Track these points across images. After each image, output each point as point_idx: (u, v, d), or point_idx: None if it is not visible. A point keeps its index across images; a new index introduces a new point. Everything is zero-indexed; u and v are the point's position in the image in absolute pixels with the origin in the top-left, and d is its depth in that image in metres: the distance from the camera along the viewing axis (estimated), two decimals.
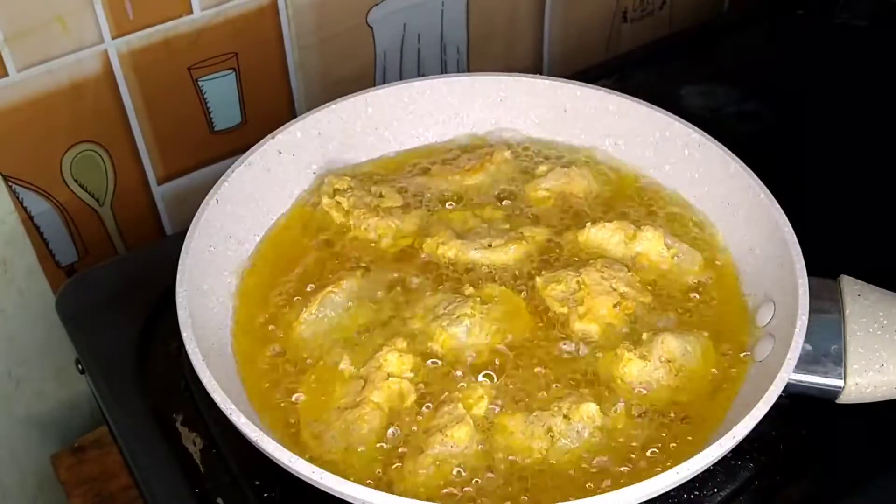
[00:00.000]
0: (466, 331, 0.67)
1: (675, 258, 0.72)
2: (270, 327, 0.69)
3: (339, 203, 0.76)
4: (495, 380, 0.65)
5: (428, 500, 0.57)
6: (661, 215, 0.76)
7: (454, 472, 0.60)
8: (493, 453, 0.61)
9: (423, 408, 0.64)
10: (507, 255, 0.72)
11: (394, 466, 0.61)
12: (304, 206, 0.78)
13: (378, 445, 0.62)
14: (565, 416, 0.62)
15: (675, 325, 0.68)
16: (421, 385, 0.65)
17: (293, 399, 0.65)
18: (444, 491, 0.59)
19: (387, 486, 0.60)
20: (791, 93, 0.98)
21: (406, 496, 0.54)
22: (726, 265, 0.73)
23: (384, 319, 0.69)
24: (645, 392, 0.64)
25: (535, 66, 1.11)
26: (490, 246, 0.73)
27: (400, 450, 0.62)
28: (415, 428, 0.63)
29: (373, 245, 0.74)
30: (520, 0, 1.04)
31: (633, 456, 0.62)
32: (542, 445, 0.61)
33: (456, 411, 0.62)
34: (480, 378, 0.65)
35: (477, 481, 0.60)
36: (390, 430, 0.63)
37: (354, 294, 0.70)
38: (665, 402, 0.64)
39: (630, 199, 0.78)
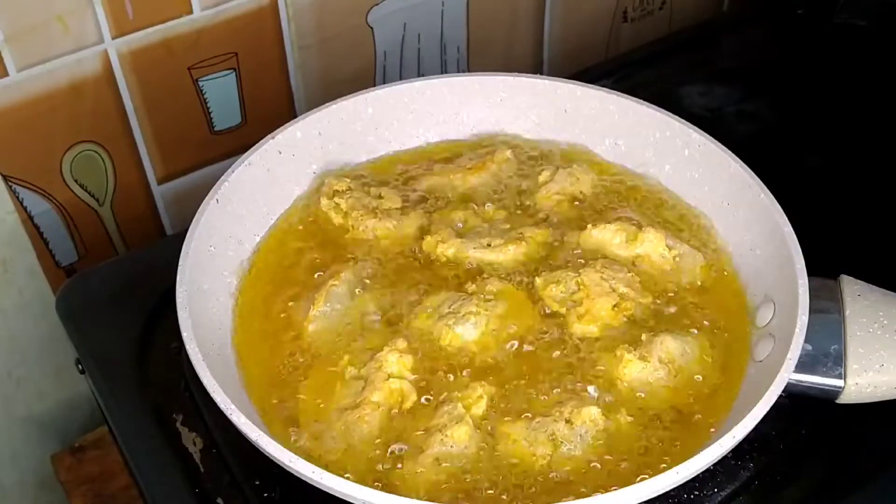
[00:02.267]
0: (473, 328, 0.67)
1: (677, 259, 0.72)
2: (270, 327, 0.70)
3: (337, 205, 0.76)
4: (495, 381, 0.65)
5: (429, 500, 0.57)
6: (662, 216, 0.76)
7: (455, 472, 0.60)
8: (494, 454, 0.61)
9: (423, 405, 0.64)
10: (506, 254, 0.72)
11: (394, 466, 0.61)
12: (304, 207, 0.78)
13: (378, 445, 0.62)
14: (567, 421, 0.62)
15: (675, 326, 0.68)
16: (422, 385, 0.65)
17: (294, 399, 0.65)
18: (446, 491, 0.59)
19: (387, 486, 0.60)
20: (791, 93, 0.98)
21: (407, 496, 0.54)
22: (726, 265, 0.73)
23: (385, 318, 0.69)
24: (644, 394, 0.64)
25: (535, 66, 1.11)
26: (489, 245, 0.73)
27: (400, 450, 0.62)
28: (415, 428, 0.63)
29: (372, 246, 0.74)
30: (520, 0, 1.04)
31: (634, 457, 0.62)
32: (546, 451, 0.61)
33: (455, 411, 0.62)
34: (481, 379, 0.65)
35: (477, 481, 0.60)
36: (390, 430, 0.63)
37: (354, 285, 0.71)
38: (665, 403, 0.64)
39: (630, 200, 0.78)
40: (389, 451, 0.62)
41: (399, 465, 0.61)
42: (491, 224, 0.75)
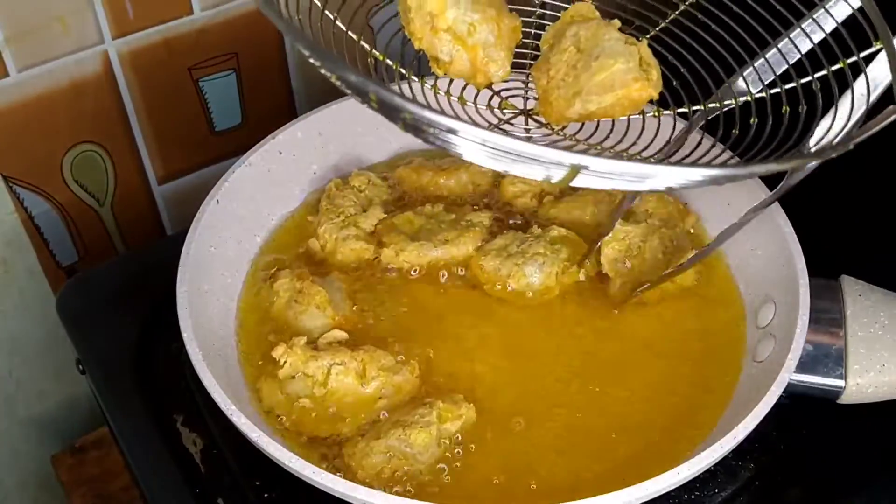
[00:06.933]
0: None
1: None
2: (270, 327, 0.70)
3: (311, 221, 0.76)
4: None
5: (366, 485, 0.57)
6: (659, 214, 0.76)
7: (402, 469, 0.60)
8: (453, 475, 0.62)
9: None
10: (465, 246, 0.72)
11: (353, 442, 0.62)
12: (304, 210, 0.78)
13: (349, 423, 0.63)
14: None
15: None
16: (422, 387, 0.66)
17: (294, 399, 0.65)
18: (388, 482, 0.60)
19: (336, 458, 0.61)
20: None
21: (349, 468, 0.57)
22: (724, 265, 0.73)
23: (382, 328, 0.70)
24: None
25: None
26: (447, 241, 0.73)
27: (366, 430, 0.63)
28: (385, 415, 0.63)
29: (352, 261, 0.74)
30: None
31: (633, 457, 0.62)
32: None
33: (427, 416, 0.62)
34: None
35: (421, 485, 0.60)
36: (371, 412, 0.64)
37: (342, 295, 0.71)
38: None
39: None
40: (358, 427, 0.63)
41: (357, 441, 0.62)
42: (435, 218, 0.75)
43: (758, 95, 0.61)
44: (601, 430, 0.63)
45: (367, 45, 0.61)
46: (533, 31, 0.64)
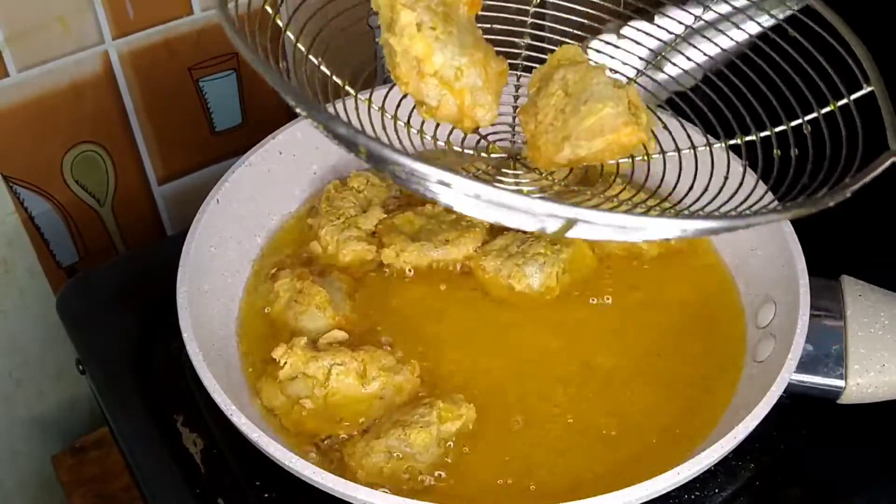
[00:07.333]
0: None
1: None
2: (270, 327, 0.70)
3: (311, 226, 0.76)
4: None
5: (366, 485, 0.57)
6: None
7: (402, 469, 0.60)
8: (451, 476, 0.61)
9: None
10: (466, 246, 0.72)
11: (354, 439, 0.62)
12: (304, 210, 0.78)
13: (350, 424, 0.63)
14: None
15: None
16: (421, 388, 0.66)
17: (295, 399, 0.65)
18: (388, 482, 0.60)
19: (337, 455, 0.62)
20: None
21: (349, 466, 0.57)
22: (723, 265, 0.73)
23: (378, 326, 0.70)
24: None
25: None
26: (448, 242, 0.73)
27: (368, 428, 0.63)
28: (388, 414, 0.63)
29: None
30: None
31: (633, 457, 0.62)
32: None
33: (427, 416, 0.62)
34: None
35: (421, 485, 0.60)
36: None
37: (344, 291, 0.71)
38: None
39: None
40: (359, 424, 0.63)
41: (355, 439, 0.62)
42: (436, 218, 0.75)
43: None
44: (601, 431, 0.63)
45: (351, 90, 0.60)
46: (519, 74, 0.64)
